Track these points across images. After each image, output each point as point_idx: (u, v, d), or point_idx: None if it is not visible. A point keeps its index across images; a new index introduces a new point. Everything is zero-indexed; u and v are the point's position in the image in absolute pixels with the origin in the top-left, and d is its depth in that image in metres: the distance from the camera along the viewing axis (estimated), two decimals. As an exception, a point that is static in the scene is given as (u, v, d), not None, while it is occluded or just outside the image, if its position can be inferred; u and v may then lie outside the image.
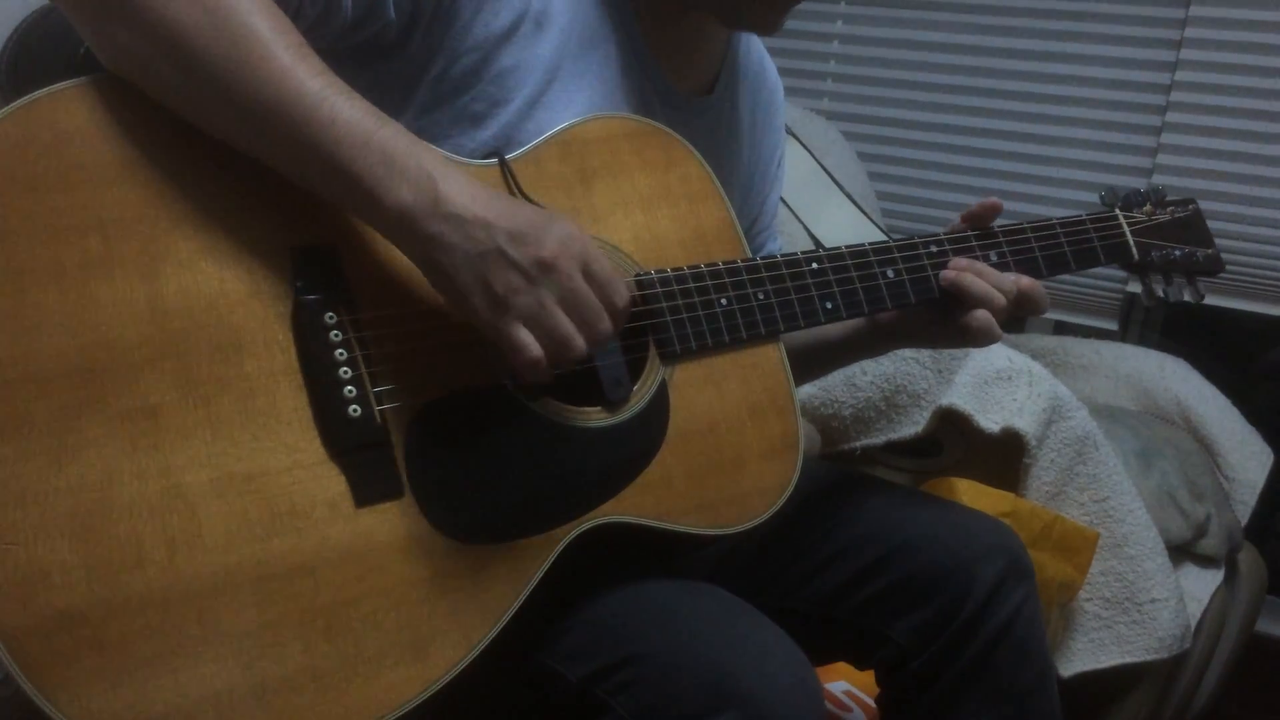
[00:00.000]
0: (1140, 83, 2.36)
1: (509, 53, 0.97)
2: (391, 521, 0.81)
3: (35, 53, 1.57)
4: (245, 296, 0.80)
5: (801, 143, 2.25)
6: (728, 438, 0.97)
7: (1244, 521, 2.03)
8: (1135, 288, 2.34)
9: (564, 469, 0.89)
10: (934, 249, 1.08)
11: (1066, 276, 2.40)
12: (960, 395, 1.65)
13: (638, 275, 0.96)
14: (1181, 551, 1.86)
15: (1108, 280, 2.42)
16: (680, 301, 0.96)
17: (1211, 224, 1.27)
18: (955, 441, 1.74)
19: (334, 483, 0.80)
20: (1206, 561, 1.90)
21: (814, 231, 2.10)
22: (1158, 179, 2.31)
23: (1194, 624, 1.78)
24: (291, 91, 0.77)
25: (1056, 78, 2.43)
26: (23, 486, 0.71)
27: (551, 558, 0.86)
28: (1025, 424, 1.62)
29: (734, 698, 0.83)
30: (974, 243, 1.09)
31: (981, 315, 1.04)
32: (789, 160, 2.16)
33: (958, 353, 1.70)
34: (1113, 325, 2.46)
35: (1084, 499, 1.67)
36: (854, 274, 1.04)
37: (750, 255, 1.03)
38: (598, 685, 0.88)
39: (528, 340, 0.80)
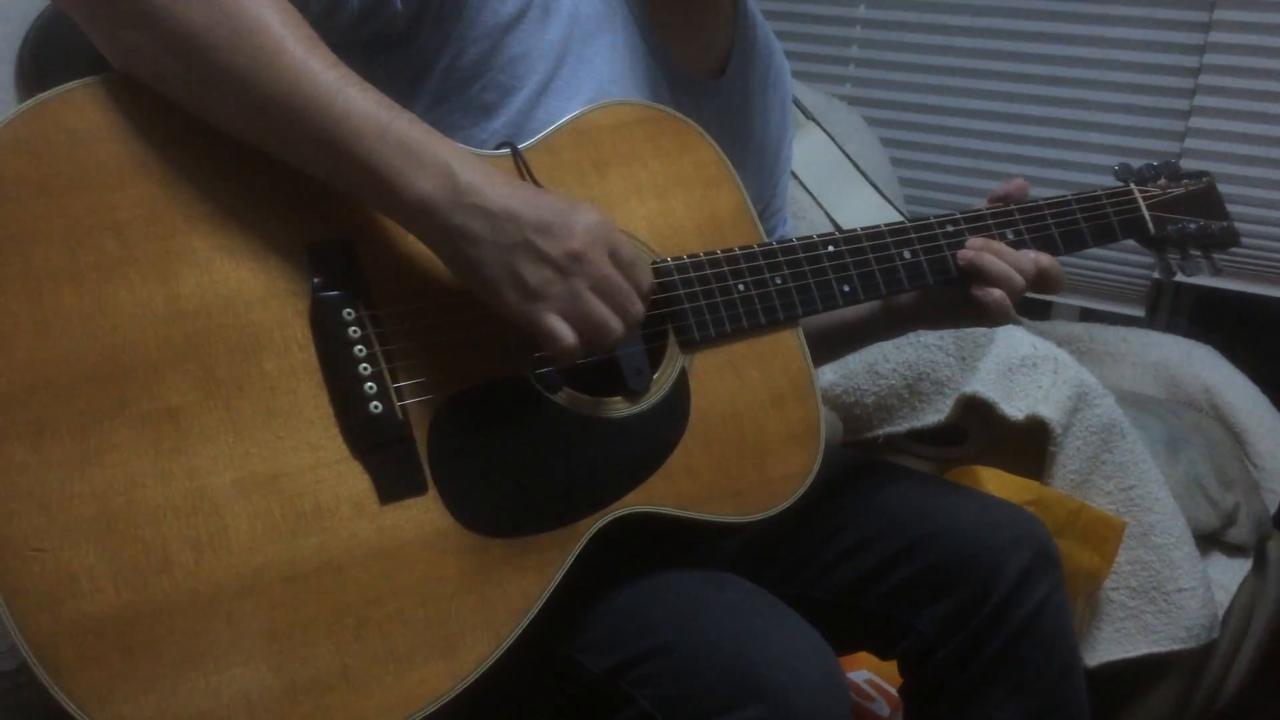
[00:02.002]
0: (1168, 66, 2.33)
1: (517, 40, 0.97)
2: (417, 518, 0.81)
3: (56, 47, 1.58)
4: (263, 295, 0.80)
5: (823, 128, 2.24)
6: (750, 424, 0.97)
7: (1272, 510, 2.01)
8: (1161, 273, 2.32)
9: (587, 460, 0.89)
10: (950, 229, 1.07)
11: (1092, 263, 2.42)
12: (984, 383, 1.64)
13: (655, 263, 0.95)
14: (1209, 540, 1.84)
15: (1135, 266, 2.40)
16: (698, 289, 0.96)
17: (1241, 208, 1.26)
18: (979, 429, 1.73)
19: (358, 480, 0.80)
20: (1235, 550, 1.89)
21: (835, 218, 2.09)
22: (1186, 164, 2.28)
23: (1222, 613, 1.76)
24: (305, 85, 0.77)
25: (1083, 61, 2.40)
26: (46, 492, 0.71)
27: (578, 549, 0.86)
28: (1050, 412, 1.61)
29: (759, 691, 0.83)
30: (990, 221, 1.08)
31: (997, 294, 1.03)
32: (810, 147, 2.16)
33: (982, 340, 1.68)
34: (1140, 312, 2.43)
35: (1110, 487, 1.66)
36: (870, 256, 1.04)
37: (766, 240, 1.02)
38: (622, 677, 0.88)
39: (563, 329, 0.81)
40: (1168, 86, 2.33)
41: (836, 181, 2.19)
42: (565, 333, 0.80)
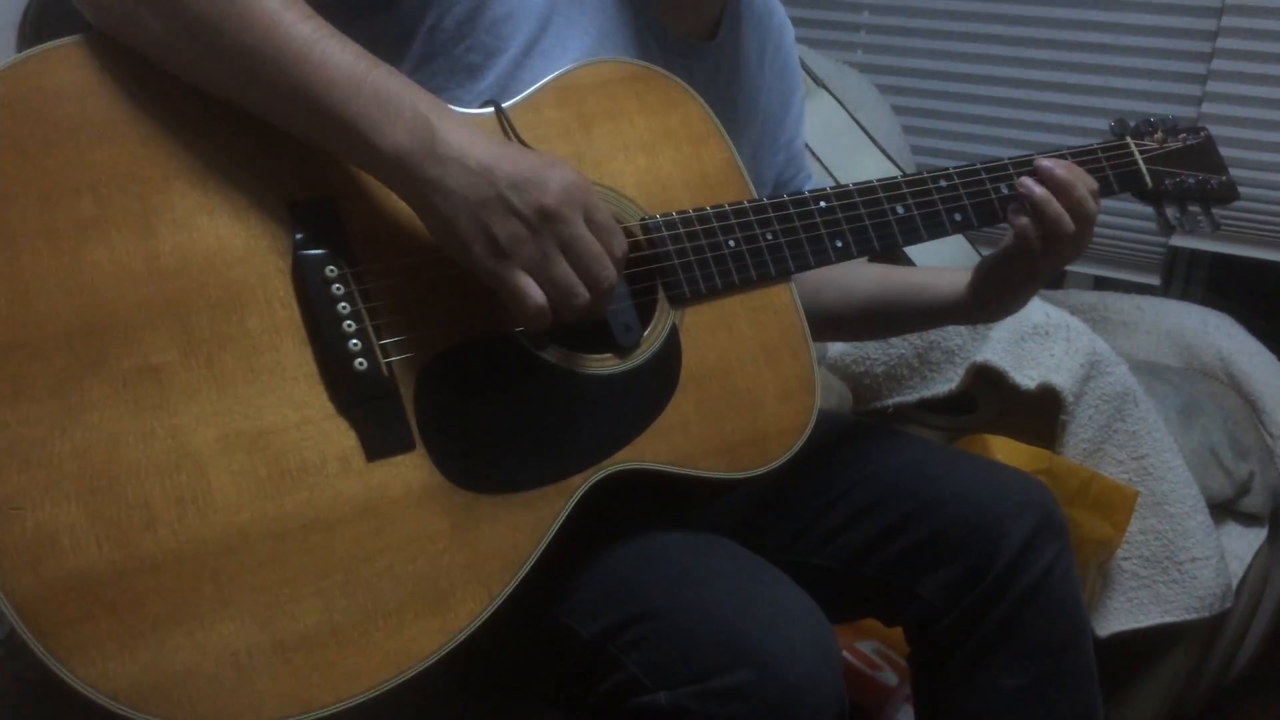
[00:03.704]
0: (1184, 28, 2.29)
1: (502, 1, 0.96)
2: (404, 474, 0.81)
3: (57, 17, 1.57)
4: (244, 253, 0.80)
5: (834, 96, 2.21)
6: (742, 380, 0.96)
7: (1289, 479, 1.99)
8: (1177, 241, 2.29)
9: (577, 417, 0.88)
10: (944, 184, 1.06)
11: (1107, 231, 2.39)
12: (995, 351, 1.63)
13: (642, 219, 0.94)
14: (1224, 509, 1.83)
15: (1150, 234, 2.37)
16: (687, 244, 0.95)
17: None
18: (990, 399, 1.71)
19: (344, 437, 0.79)
20: (1249, 520, 1.87)
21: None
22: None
23: (1235, 583, 1.75)
24: (280, 35, 0.77)
25: (1097, 25, 2.37)
26: (27, 450, 0.71)
27: (569, 506, 0.86)
28: (1062, 380, 1.59)
29: (748, 655, 0.82)
30: (983, 175, 1.07)
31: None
32: (821, 113, 2.14)
33: (993, 308, 1.66)
34: (1155, 280, 2.41)
35: (1123, 456, 1.64)
36: (863, 211, 1.03)
37: (756, 196, 1.01)
38: (611, 642, 0.87)
39: (531, 288, 0.79)
40: (1184, 50, 2.30)
41: (847, 149, 2.17)
42: (532, 292, 0.79)
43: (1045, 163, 1.04)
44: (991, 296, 1.11)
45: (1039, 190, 1.03)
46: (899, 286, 1.19)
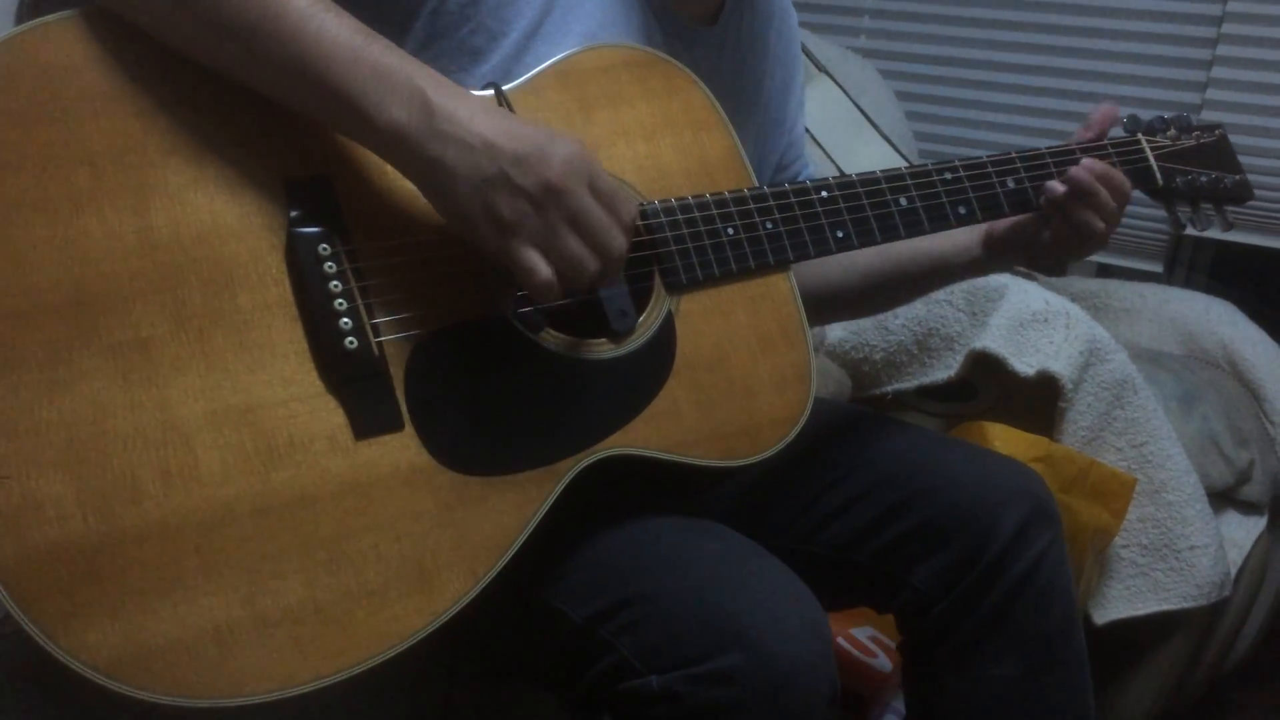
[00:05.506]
0: (1190, 14, 2.28)
1: None
2: (392, 454, 0.81)
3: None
4: (238, 229, 0.80)
5: (836, 81, 2.21)
6: (737, 368, 0.95)
7: (1289, 467, 1.98)
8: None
9: (568, 401, 0.88)
10: (948, 176, 1.05)
11: (1111, 218, 2.37)
12: (994, 338, 1.62)
13: (640, 205, 0.94)
14: (1224, 498, 1.82)
15: (1154, 221, 2.36)
16: (685, 231, 0.95)
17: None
18: (989, 386, 1.71)
19: (332, 415, 0.79)
20: (1249, 508, 1.86)
21: (847, 172, 2.06)
22: (1207, 114, 2.23)
23: (1235, 571, 1.75)
24: (276, 8, 0.76)
25: (1102, 10, 2.36)
26: (14, 419, 0.71)
27: (558, 490, 0.85)
28: (1061, 367, 1.59)
29: (739, 639, 0.81)
30: (990, 169, 1.06)
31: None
32: (823, 99, 2.13)
33: (993, 295, 1.66)
34: (1158, 268, 2.40)
35: (1122, 444, 1.64)
36: (865, 202, 1.02)
37: (757, 184, 1.01)
38: (601, 626, 0.87)
39: (539, 263, 0.79)
40: (1189, 36, 2.29)
41: (849, 134, 2.16)
42: (540, 267, 0.79)
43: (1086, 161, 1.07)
44: (1004, 256, 1.14)
45: (1101, 190, 1.06)
46: (901, 247, 1.19)
